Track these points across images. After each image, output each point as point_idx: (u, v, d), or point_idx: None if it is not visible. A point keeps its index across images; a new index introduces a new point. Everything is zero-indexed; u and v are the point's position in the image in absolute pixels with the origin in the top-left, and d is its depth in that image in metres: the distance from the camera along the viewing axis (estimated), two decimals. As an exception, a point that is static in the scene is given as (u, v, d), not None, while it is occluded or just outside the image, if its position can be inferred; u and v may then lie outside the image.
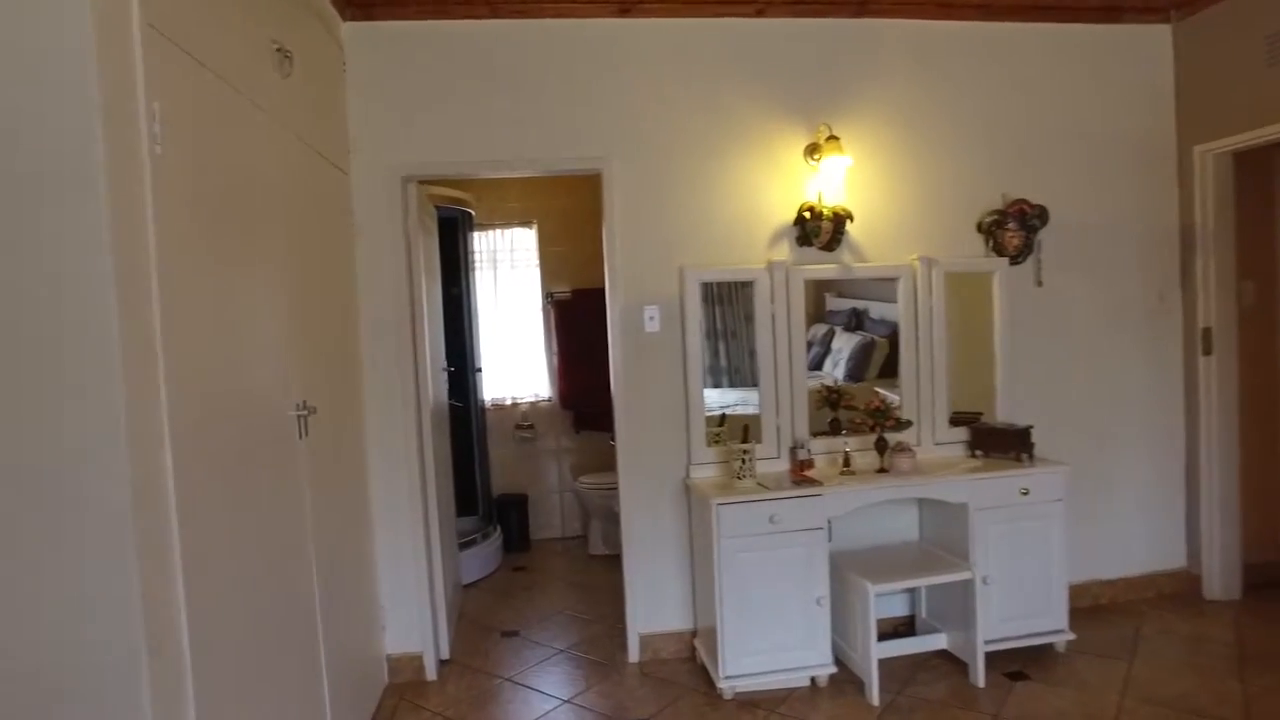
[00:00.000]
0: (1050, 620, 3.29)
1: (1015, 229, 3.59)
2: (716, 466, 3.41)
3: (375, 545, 3.30)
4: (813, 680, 3.14)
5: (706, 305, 3.45)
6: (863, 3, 3.40)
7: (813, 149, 3.45)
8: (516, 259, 5.43)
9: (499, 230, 5.40)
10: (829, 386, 3.58)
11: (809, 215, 3.41)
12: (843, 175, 3.44)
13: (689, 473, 3.43)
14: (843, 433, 3.49)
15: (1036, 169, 3.65)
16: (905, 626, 3.60)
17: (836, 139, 3.37)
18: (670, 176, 3.42)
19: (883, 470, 3.32)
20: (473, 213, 5.13)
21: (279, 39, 2.39)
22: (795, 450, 3.37)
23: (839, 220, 3.43)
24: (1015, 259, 3.63)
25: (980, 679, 3.07)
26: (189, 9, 1.82)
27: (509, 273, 5.43)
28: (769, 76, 3.46)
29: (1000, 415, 3.58)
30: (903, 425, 3.50)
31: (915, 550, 3.47)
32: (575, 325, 5.28)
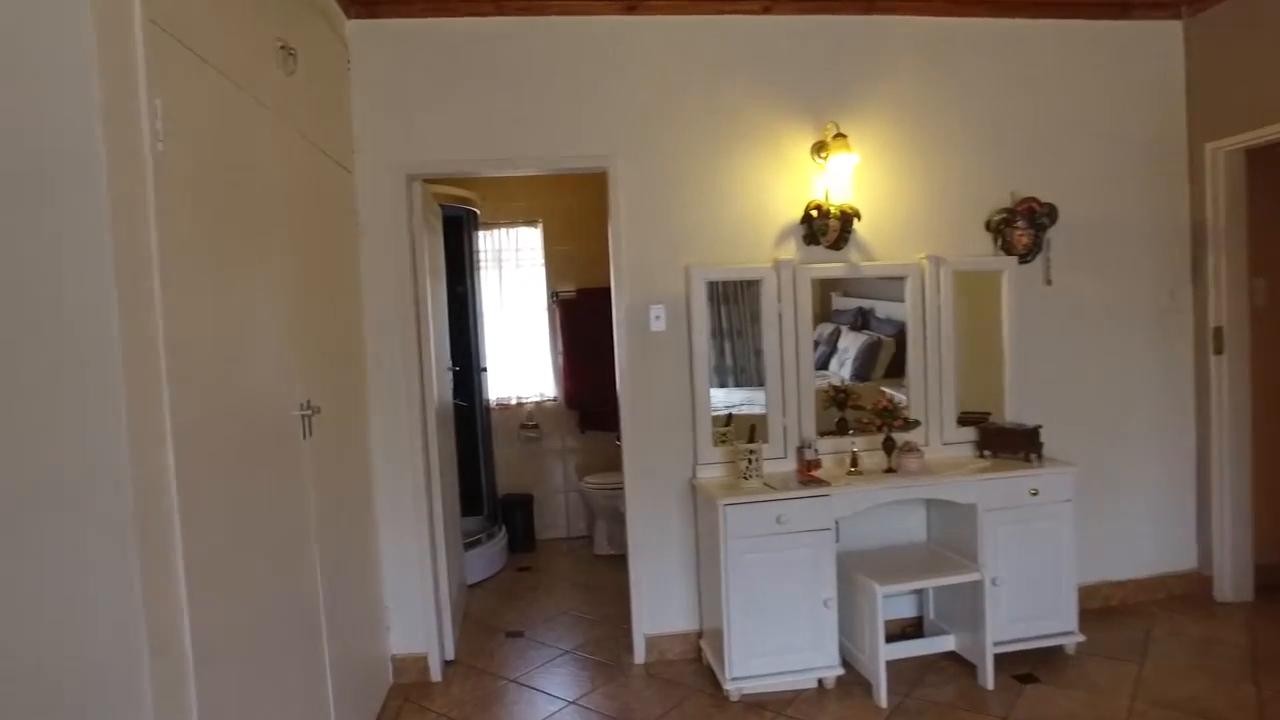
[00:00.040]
0: (1060, 622, 3.26)
1: (1024, 227, 3.56)
2: (723, 466, 3.39)
3: (380, 545, 3.29)
4: (820, 682, 3.12)
5: (712, 304, 3.43)
6: (870, -1, 3.38)
7: (820, 147, 3.42)
8: (521, 258, 5.42)
9: (504, 229, 5.39)
10: (836, 386, 3.56)
11: (816, 214, 3.39)
12: (850, 173, 3.42)
13: (695, 473, 3.41)
14: (850, 433, 3.47)
15: (1046, 166, 3.62)
16: (913, 628, 3.58)
17: (844, 137, 3.34)
18: (676, 174, 3.40)
19: (890, 470, 3.29)
20: (478, 212, 5.12)
21: (283, 36, 2.38)
22: (802, 450, 3.35)
23: (846, 219, 3.41)
24: (1024, 257, 3.60)
25: (989, 681, 3.05)
26: (191, 5, 1.80)
27: (514, 272, 5.42)
28: (776, 73, 3.43)
29: (1009, 415, 3.55)
30: (910, 425, 3.48)
31: (923, 551, 3.44)
32: (580, 325, 5.26)
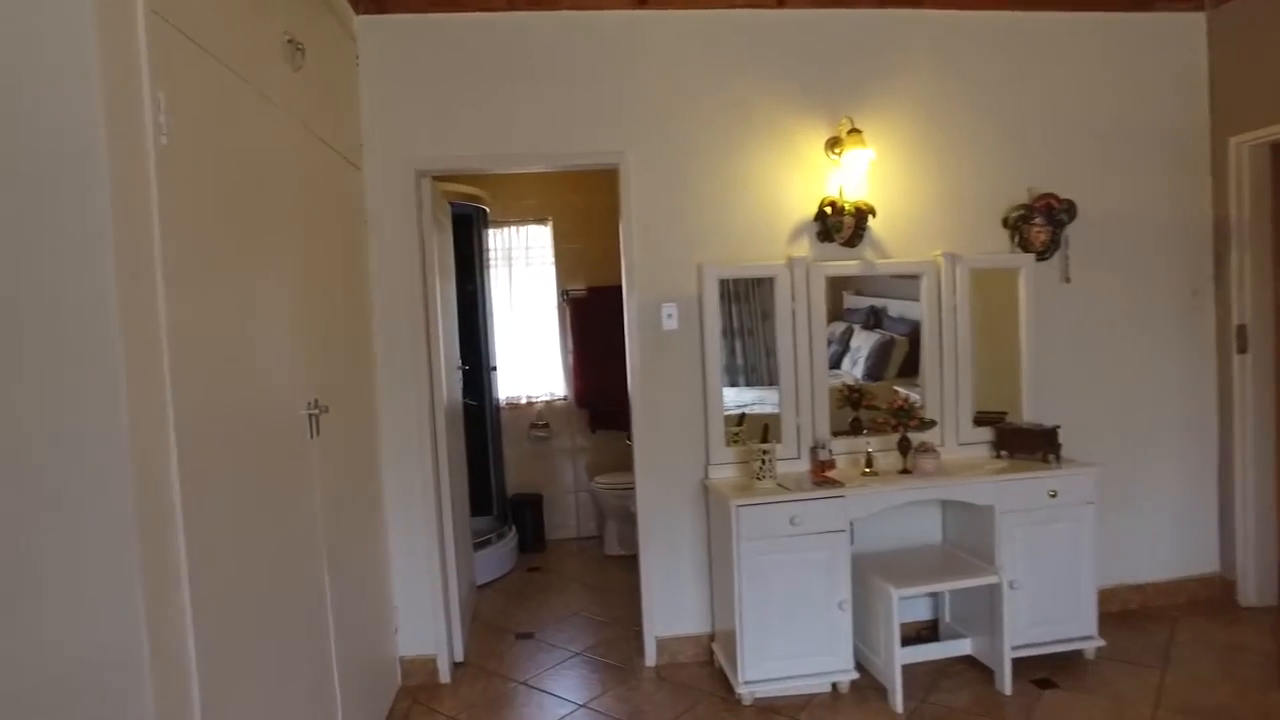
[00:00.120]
0: (1079, 626, 3.20)
1: (1042, 224, 3.50)
2: (735, 467, 3.34)
3: (388, 546, 3.26)
4: (834, 686, 3.07)
5: (723, 302, 3.38)
6: (886, -8, 3.33)
7: (834, 142, 3.37)
8: (531, 256, 5.38)
9: (514, 227, 5.35)
10: (850, 385, 3.51)
11: (830, 210, 3.34)
12: (865, 169, 3.36)
13: (707, 473, 3.36)
14: (864, 433, 3.42)
15: (1064, 162, 3.56)
16: (928, 630, 3.52)
17: (859, 132, 3.29)
18: (688, 171, 3.35)
19: (906, 471, 3.24)
20: (487, 210, 5.09)
21: (290, 30, 2.35)
22: (816, 450, 3.30)
23: (861, 215, 3.35)
24: (1042, 255, 3.53)
25: (1007, 686, 2.99)
26: (196, -3, 1.77)
27: (524, 270, 5.38)
28: (789, 68, 3.38)
29: (1026, 415, 3.49)
30: (926, 425, 3.42)
31: (939, 553, 3.38)
32: (591, 323, 5.22)
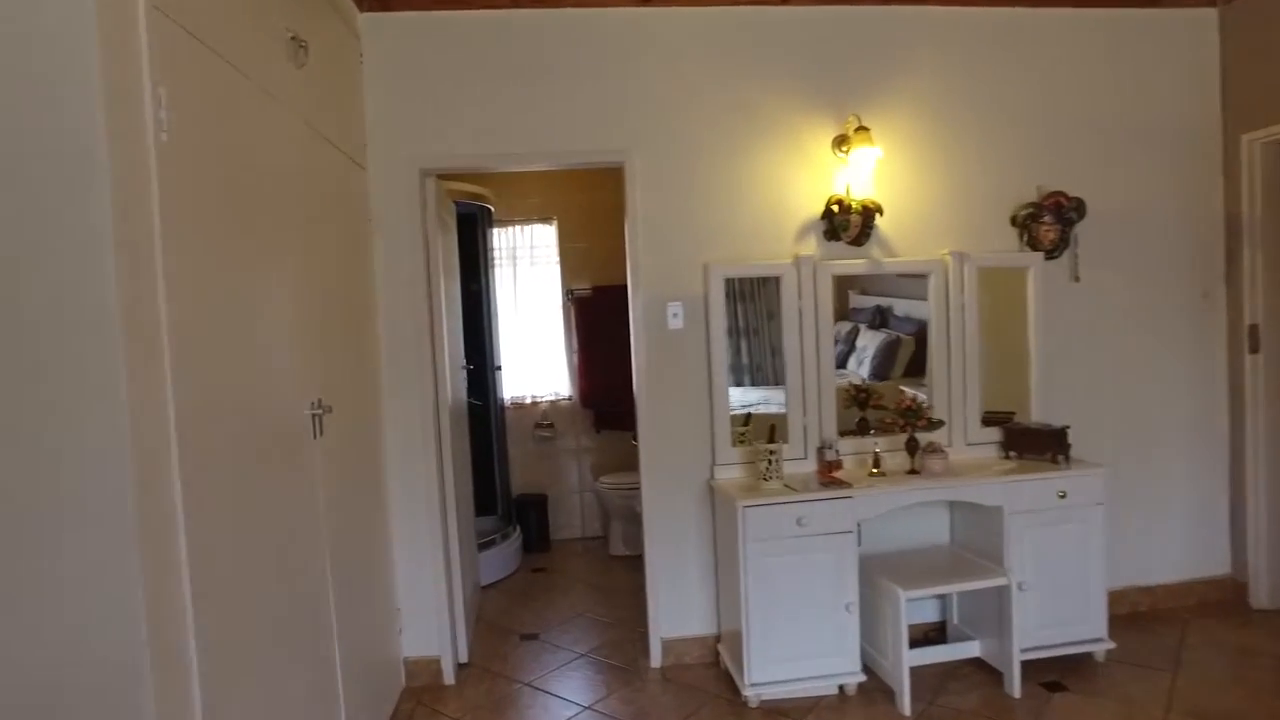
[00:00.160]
0: (1089, 628, 3.17)
1: (1051, 222, 3.46)
2: (742, 467, 3.32)
3: (392, 546, 3.25)
4: (841, 689, 3.04)
5: (729, 302, 3.36)
6: (893, -12, 3.30)
7: (841, 140, 3.34)
8: (536, 256, 5.37)
9: (518, 226, 5.34)
10: (857, 385, 3.48)
11: (837, 209, 3.31)
12: (872, 167, 3.33)
13: (713, 473, 3.34)
14: (871, 433, 3.40)
15: (1074, 160, 3.52)
16: (935, 632, 3.49)
17: (866, 130, 3.26)
18: (694, 169, 3.33)
19: (913, 471, 3.21)
20: (492, 209, 5.07)
21: (293, 27, 2.33)
22: (823, 450, 3.27)
23: (868, 214, 3.32)
24: (1051, 253, 3.50)
25: (1016, 689, 2.96)
26: (198, -7, 1.75)
27: (529, 270, 5.37)
28: (796, 66, 3.36)
29: (1034, 415, 3.46)
30: (934, 425, 3.39)
31: (947, 554, 3.35)
32: (596, 323, 5.21)
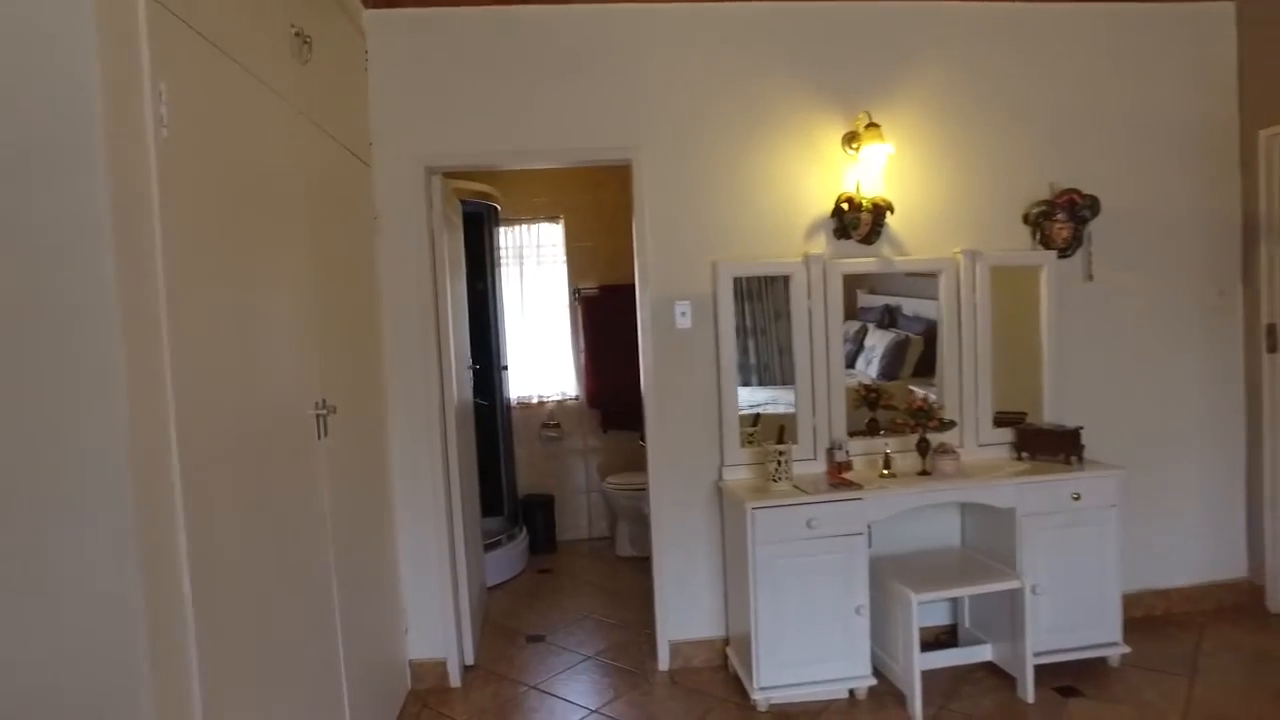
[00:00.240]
0: (1103, 632, 3.12)
1: (1064, 220, 3.41)
2: (750, 468, 3.28)
3: (398, 547, 3.22)
4: (851, 692, 3.00)
5: (737, 301, 3.32)
6: (905, -17, 3.26)
7: (851, 137, 3.30)
8: (543, 254, 5.33)
9: (525, 225, 5.31)
10: (867, 385, 3.44)
11: (847, 206, 3.27)
12: (882, 165, 3.29)
13: (722, 474, 3.30)
14: (881, 433, 3.36)
15: (1087, 157, 3.47)
16: (947, 635, 3.45)
17: (877, 126, 3.22)
18: (702, 166, 3.29)
19: (924, 473, 3.17)
20: (498, 207, 5.05)
21: (297, 23, 2.30)
22: (833, 451, 3.24)
23: (878, 211, 3.28)
24: (1064, 252, 3.45)
25: (1029, 694, 2.92)
26: (199, -14, 1.72)
27: (535, 268, 5.34)
28: (806, 62, 3.31)
29: (1047, 416, 3.41)
30: (946, 426, 3.34)
31: (958, 556, 3.31)
32: (603, 322, 5.17)
